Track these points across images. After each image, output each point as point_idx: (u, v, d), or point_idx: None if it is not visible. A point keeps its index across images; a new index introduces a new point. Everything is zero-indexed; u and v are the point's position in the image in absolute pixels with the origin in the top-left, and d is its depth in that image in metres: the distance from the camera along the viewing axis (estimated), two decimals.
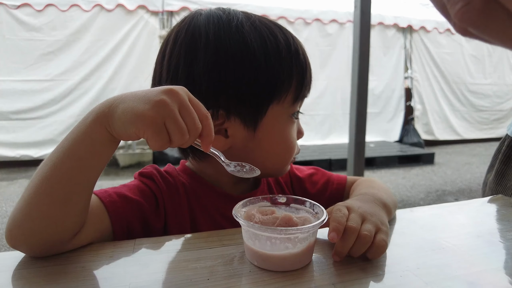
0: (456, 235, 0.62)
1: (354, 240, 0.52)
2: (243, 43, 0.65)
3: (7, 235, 0.51)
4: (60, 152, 0.51)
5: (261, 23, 0.69)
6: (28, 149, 4.65)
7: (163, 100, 0.47)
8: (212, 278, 0.48)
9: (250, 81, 0.65)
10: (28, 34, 4.50)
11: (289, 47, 0.68)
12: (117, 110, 0.49)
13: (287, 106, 0.69)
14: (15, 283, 0.47)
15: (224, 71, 0.64)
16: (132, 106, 0.48)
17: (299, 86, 0.70)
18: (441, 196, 3.79)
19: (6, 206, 3.40)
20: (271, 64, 0.66)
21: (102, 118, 0.50)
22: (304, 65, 0.70)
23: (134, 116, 0.47)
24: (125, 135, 0.49)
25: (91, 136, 0.50)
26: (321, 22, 5.63)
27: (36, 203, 0.50)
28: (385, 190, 0.74)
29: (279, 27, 0.71)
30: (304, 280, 0.48)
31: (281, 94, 0.68)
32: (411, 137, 6.13)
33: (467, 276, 0.49)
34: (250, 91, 0.66)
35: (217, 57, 0.64)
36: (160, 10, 4.94)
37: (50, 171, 0.50)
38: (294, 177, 0.88)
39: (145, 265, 0.51)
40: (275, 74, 0.66)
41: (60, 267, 0.50)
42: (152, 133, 0.47)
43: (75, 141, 0.51)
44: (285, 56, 0.67)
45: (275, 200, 0.60)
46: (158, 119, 0.47)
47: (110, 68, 4.83)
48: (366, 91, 2.61)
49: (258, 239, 0.50)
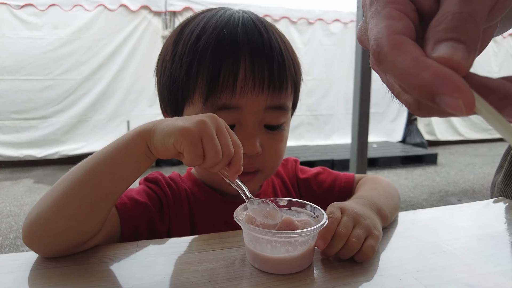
0: (457, 238, 0.62)
1: (342, 245, 0.52)
2: (169, 44, 0.70)
3: (25, 231, 0.52)
4: (97, 158, 0.53)
5: (214, 21, 0.67)
6: (31, 149, 4.67)
7: (203, 120, 0.50)
8: (213, 280, 0.48)
9: (165, 81, 0.69)
10: (30, 33, 4.52)
11: (198, 40, 0.65)
12: (160, 126, 0.51)
13: (199, 109, 0.65)
14: (17, 285, 0.48)
15: (157, 65, 0.73)
16: (174, 122, 0.50)
17: (206, 86, 0.64)
18: (444, 196, 3.78)
19: (10, 206, 3.41)
20: (176, 63, 0.67)
21: (144, 132, 0.52)
22: (211, 62, 0.63)
23: (174, 128, 0.49)
24: (162, 148, 0.50)
25: (129, 147, 0.52)
26: (324, 22, 5.63)
27: (65, 203, 0.52)
28: (387, 192, 0.73)
29: (231, 21, 0.66)
30: (304, 283, 0.48)
31: (188, 95, 0.67)
32: (414, 138, 6.11)
33: (467, 280, 0.49)
34: (168, 91, 0.69)
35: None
36: (163, 10, 4.94)
37: (84, 175, 0.52)
38: (300, 178, 0.88)
39: (147, 267, 0.52)
40: (176, 73, 0.66)
41: (63, 269, 0.51)
42: (189, 145, 0.48)
43: (114, 149, 0.52)
44: (188, 52, 0.65)
45: (276, 203, 0.60)
46: (196, 133, 0.48)
47: (113, 68, 4.84)
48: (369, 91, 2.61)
49: (258, 242, 0.50)
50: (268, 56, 0.65)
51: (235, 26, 0.66)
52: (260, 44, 0.65)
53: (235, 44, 0.64)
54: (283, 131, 0.72)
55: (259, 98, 0.65)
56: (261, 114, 0.67)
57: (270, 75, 0.65)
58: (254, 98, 0.65)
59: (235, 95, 0.64)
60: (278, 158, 0.73)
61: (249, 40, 0.65)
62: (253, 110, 0.66)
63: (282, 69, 0.67)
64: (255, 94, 0.65)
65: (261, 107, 0.66)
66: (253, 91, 0.64)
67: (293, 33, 5.39)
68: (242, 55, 0.64)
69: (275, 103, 0.67)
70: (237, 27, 0.65)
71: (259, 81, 0.64)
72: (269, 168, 0.72)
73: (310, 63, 5.50)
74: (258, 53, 0.65)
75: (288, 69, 0.68)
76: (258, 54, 0.65)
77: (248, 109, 0.65)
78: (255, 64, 0.64)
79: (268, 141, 0.69)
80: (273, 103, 0.67)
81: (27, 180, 4.22)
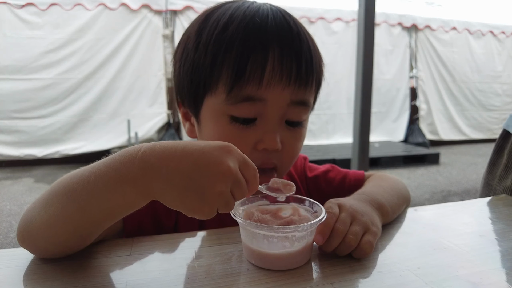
0: (458, 235, 0.61)
1: (339, 242, 0.52)
2: (191, 32, 0.68)
3: (18, 237, 0.51)
4: (89, 199, 0.46)
5: (242, 12, 0.64)
6: (31, 148, 4.67)
7: (219, 192, 0.44)
8: (209, 276, 0.47)
9: (186, 70, 0.67)
10: (31, 32, 4.52)
11: (225, 29, 0.62)
12: (166, 194, 0.44)
13: (222, 100, 0.63)
14: (10, 281, 0.47)
15: (177, 54, 0.71)
16: (185, 197, 0.44)
17: (232, 76, 0.61)
18: (446, 196, 3.76)
19: (10, 205, 3.42)
20: (200, 51, 0.64)
21: (147, 193, 0.45)
22: (239, 52, 0.61)
23: (190, 207, 0.45)
24: (172, 207, 0.46)
25: (132, 203, 0.47)
26: (326, 21, 5.61)
27: (55, 232, 0.48)
28: (393, 189, 0.71)
29: (256, 12, 0.64)
30: (302, 279, 0.47)
31: (211, 84, 0.64)
32: (416, 137, 6.09)
33: (468, 276, 0.48)
34: (189, 80, 0.67)
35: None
36: (163, 9, 4.94)
37: (77, 213, 0.47)
38: (309, 177, 0.86)
39: (142, 263, 0.51)
40: (200, 61, 0.64)
41: (57, 264, 0.50)
42: (205, 217, 0.46)
43: (111, 201, 0.46)
44: (214, 41, 0.62)
45: (274, 198, 0.59)
46: (214, 209, 0.45)
47: (113, 67, 4.84)
48: (370, 90, 2.59)
49: (255, 238, 0.49)
50: (297, 50, 0.64)
51: (265, 17, 0.63)
52: (289, 37, 0.63)
53: (264, 35, 0.62)
54: (302, 128, 0.70)
55: (285, 92, 0.63)
56: (284, 109, 0.65)
57: (298, 69, 0.63)
58: (280, 91, 0.63)
59: (261, 87, 0.61)
60: (295, 157, 0.72)
61: (279, 32, 0.63)
62: (278, 104, 0.64)
63: (309, 64, 0.65)
64: (281, 87, 0.63)
65: (286, 102, 0.64)
66: (279, 84, 0.62)
67: None
68: (271, 47, 0.62)
69: (300, 98, 0.66)
70: (266, 18, 0.63)
71: (287, 74, 0.62)
72: (285, 167, 0.70)
73: None
74: (288, 46, 0.63)
75: (315, 65, 0.67)
76: (287, 48, 0.63)
77: (273, 102, 0.63)
78: (284, 57, 0.62)
79: (288, 138, 0.67)
80: (298, 98, 0.65)
81: (28, 179, 4.23)
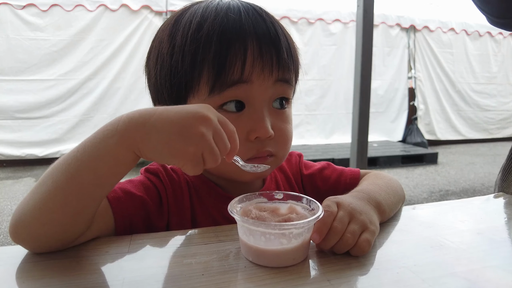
0: (456, 232, 0.62)
1: (337, 240, 0.52)
2: (163, 37, 0.69)
3: (11, 232, 0.51)
4: (79, 166, 0.49)
5: (214, 9, 0.65)
6: (33, 148, 4.67)
7: (201, 133, 0.48)
8: (207, 273, 0.47)
9: (164, 75, 0.67)
10: (32, 33, 4.51)
11: (200, 28, 0.62)
12: (150, 138, 0.48)
13: (205, 97, 0.64)
14: (9, 278, 0.47)
15: (150, 62, 0.73)
16: (168, 139, 0.48)
17: (213, 73, 0.62)
18: (444, 196, 3.77)
19: (11, 204, 3.42)
20: (176, 54, 0.64)
21: (130, 142, 0.48)
22: (217, 48, 0.61)
23: (174, 150, 0.48)
24: (160, 162, 0.50)
25: (117, 158, 0.49)
26: (325, 22, 5.62)
27: (47, 210, 0.49)
28: (389, 187, 0.72)
29: (230, 10, 0.64)
30: (299, 276, 0.48)
31: (193, 85, 0.64)
32: (414, 137, 6.10)
33: (465, 273, 0.48)
34: (168, 85, 0.66)
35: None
36: (164, 10, 4.94)
37: (67, 182, 0.49)
38: (304, 174, 0.86)
39: (139, 260, 0.51)
40: (178, 64, 0.63)
41: (54, 262, 0.50)
42: (192, 166, 0.49)
43: (98, 159, 0.49)
44: (191, 42, 0.62)
45: (271, 196, 0.59)
46: (198, 153, 0.48)
47: (115, 68, 4.83)
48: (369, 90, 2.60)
49: (252, 235, 0.50)
50: (274, 40, 0.65)
51: (238, 12, 0.64)
52: (265, 28, 0.64)
53: (241, 28, 0.62)
54: (288, 110, 0.72)
55: (267, 76, 0.65)
56: (270, 90, 0.66)
57: (278, 54, 0.65)
58: (263, 77, 0.64)
59: (243, 75, 0.63)
60: (288, 140, 0.72)
61: (253, 24, 0.64)
62: (263, 85, 0.65)
63: (288, 50, 0.67)
64: (263, 75, 0.64)
65: (271, 82, 0.65)
66: (261, 73, 0.63)
67: (293, 33, 5.38)
68: (249, 38, 0.62)
69: (283, 76, 0.67)
70: (239, 13, 0.64)
71: (267, 61, 0.64)
72: (281, 152, 0.71)
73: (310, 63, 5.48)
74: (265, 37, 0.64)
75: (293, 51, 0.69)
76: (264, 38, 0.64)
77: (258, 84, 0.64)
78: (262, 46, 0.63)
79: (277, 122, 0.68)
80: (281, 77, 0.66)
81: (29, 179, 4.22)
